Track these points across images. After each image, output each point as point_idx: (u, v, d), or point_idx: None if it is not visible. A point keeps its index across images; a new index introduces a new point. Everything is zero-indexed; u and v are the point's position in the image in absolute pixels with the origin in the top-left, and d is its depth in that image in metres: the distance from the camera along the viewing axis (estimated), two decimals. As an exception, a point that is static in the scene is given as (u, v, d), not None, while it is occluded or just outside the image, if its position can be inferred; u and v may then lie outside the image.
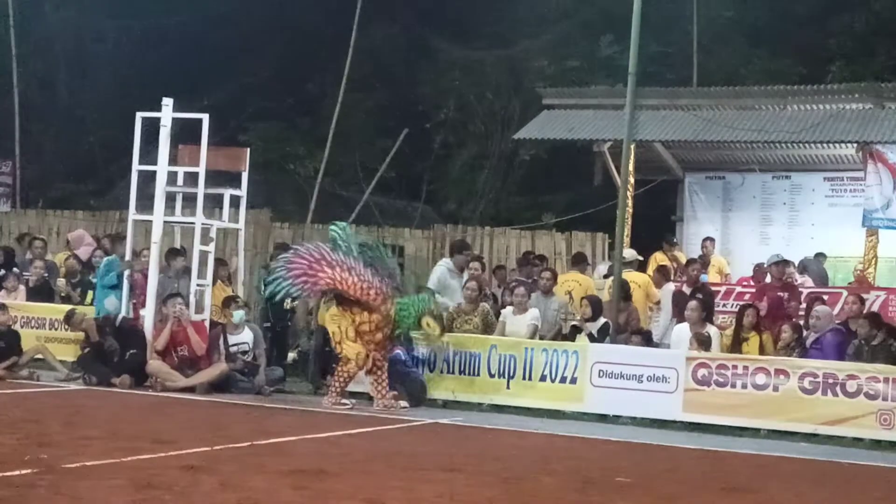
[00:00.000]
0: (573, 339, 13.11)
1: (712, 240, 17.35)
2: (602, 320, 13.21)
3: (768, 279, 14.97)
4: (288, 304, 14.01)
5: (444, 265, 14.22)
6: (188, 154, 13.89)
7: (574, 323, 13.44)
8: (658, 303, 14.63)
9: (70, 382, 13.35)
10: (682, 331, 12.97)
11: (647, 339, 13.17)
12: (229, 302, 13.57)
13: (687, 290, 14.29)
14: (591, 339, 13.00)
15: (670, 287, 14.65)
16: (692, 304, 13.03)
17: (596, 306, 13.29)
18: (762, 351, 12.65)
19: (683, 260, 16.54)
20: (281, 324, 14.47)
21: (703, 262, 16.29)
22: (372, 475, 7.80)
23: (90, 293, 15.26)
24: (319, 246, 12.41)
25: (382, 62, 24.83)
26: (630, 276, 14.35)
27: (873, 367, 11.73)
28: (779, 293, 14.15)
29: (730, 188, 18.65)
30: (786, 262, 14.99)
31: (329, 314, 12.41)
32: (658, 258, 16.57)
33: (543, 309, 13.58)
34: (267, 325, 14.35)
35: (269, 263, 15.32)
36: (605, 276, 15.18)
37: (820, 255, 16.81)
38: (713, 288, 15.02)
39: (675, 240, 17.53)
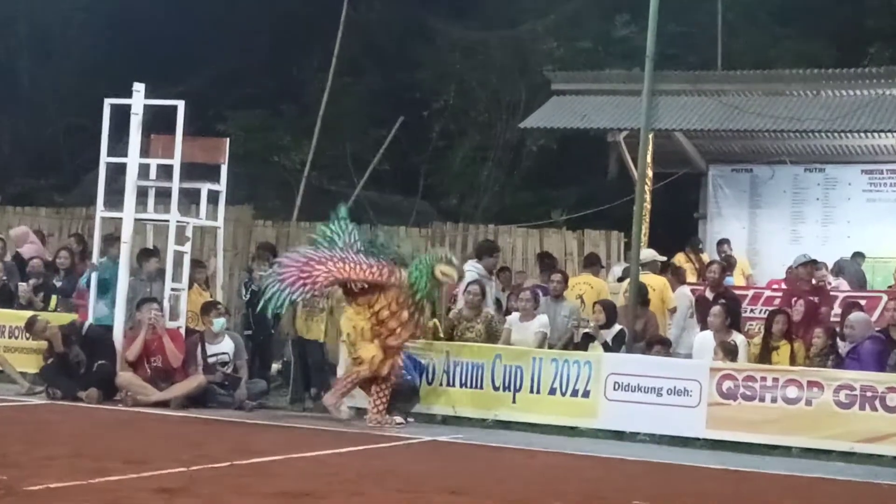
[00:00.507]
0: (586, 348, 13.10)
1: (728, 241, 17.34)
2: (617, 327, 13.21)
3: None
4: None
5: (472, 270, 14.17)
6: (162, 145, 13.88)
7: (587, 330, 13.44)
8: (674, 309, 14.64)
9: (32, 396, 13.35)
10: (705, 339, 12.96)
11: (668, 349, 13.16)
12: (209, 308, 13.56)
13: (710, 294, 14.29)
14: (606, 347, 13.00)
15: (684, 291, 14.64)
16: (715, 309, 13.02)
17: (610, 312, 13.29)
18: (793, 361, 12.64)
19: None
20: (264, 332, 14.47)
21: (729, 263, 16.25)
22: (363, 498, 7.80)
23: (54, 298, 15.26)
24: (300, 251, 12.54)
25: (375, 43, 24.83)
26: (646, 278, 14.34)
27: (916, 378, 11.74)
28: (809, 297, 14.13)
29: (758, 182, 18.66)
30: (814, 263, 14.98)
31: (345, 317, 12.45)
32: (680, 260, 16.58)
33: (553, 315, 13.58)
34: (248, 334, 14.35)
35: (251, 265, 15.35)
36: (620, 279, 15.17)
37: (857, 255, 16.79)
38: (738, 292, 15.02)
39: (700, 244, 17.54)
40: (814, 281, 14.79)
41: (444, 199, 24.36)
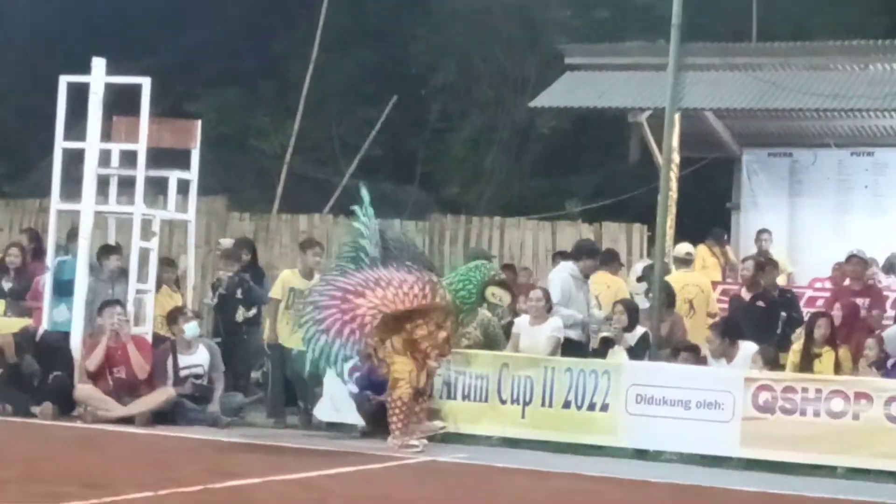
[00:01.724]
0: (604, 355, 13.07)
1: (769, 232, 17.33)
2: (640, 330, 13.17)
3: (847, 282, 14.92)
4: (241, 315, 14.01)
5: (566, 271, 14.02)
6: (125, 128, 13.88)
7: (605, 334, 13.39)
8: (714, 314, 14.58)
9: (-21, 412, 13.36)
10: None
11: (697, 356, 13.15)
12: (175, 316, 13.53)
13: (746, 295, 14.27)
14: (631, 354, 12.96)
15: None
16: (711, 334, 12.98)
17: (633, 313, 13.26)
18: (838, 370, 12.64)
19: (734, 259, 16.52)
20: (234, 339, 14.39)
21: (769, 259, 16.19)
22: (354, 526, 7.81)
23: (2, 302, 15.24)
24: (328, 280, 12.29)
25: (366, 13, 24.83)
26: (689, 277, 14.30)
27: (977, 389, 11.74)
28: (853, 299, 14.09)
29: (798, 168, 18.63)
30: (861, 260, 14.94)
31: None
32: (702, 254, 16.52)
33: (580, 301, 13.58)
34: (217, 341, 14.30)
35: (219, 265, 15.30)
36: (640, 279, 15.11)
37: (909, 249, 16.77)
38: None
39: (725, 236, 17.51)
40: (865, 279, 14.74)
41: (444, 188, 24.39)
